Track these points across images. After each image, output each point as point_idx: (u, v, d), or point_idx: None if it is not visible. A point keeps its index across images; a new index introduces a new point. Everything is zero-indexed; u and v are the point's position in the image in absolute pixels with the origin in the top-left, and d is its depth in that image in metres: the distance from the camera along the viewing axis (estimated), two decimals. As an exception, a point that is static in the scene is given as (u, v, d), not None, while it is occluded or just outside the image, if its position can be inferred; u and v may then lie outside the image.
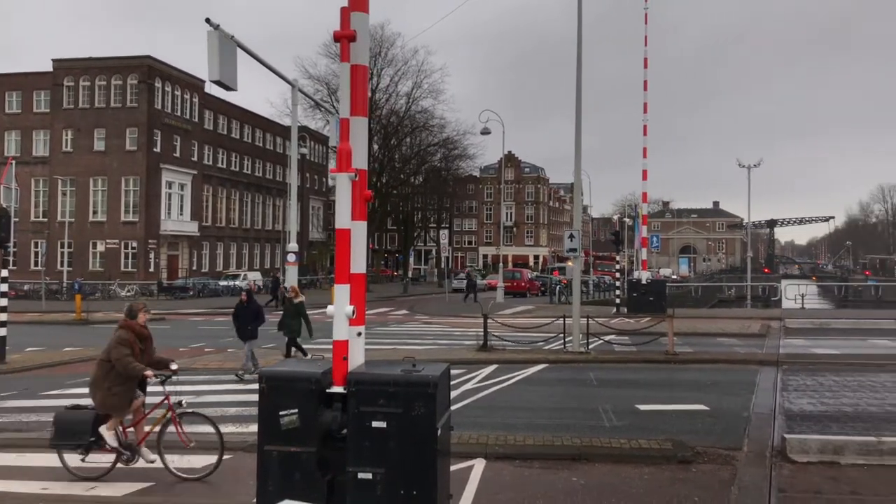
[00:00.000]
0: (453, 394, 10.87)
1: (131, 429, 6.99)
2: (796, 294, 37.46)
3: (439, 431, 4.72)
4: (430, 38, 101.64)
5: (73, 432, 6.71)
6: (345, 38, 4.88)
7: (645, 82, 27.93)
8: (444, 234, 43.79)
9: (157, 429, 6.93)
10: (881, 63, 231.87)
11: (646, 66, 27.92)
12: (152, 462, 6.85)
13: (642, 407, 10.18)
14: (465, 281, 40.70)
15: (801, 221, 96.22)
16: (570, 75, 17.33)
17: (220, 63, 13.91)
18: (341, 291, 4.88)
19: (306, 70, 47.17)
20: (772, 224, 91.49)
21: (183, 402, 7.04)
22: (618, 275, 33.84)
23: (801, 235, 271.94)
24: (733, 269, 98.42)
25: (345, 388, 4.73)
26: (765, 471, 6.98)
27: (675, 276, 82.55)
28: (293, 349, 13.53)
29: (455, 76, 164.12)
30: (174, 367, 7.02)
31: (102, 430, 6.71)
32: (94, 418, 6.74)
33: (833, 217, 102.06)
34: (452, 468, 6.49)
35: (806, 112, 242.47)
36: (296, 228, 20.54)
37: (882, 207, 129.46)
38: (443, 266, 46.43)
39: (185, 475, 6.86)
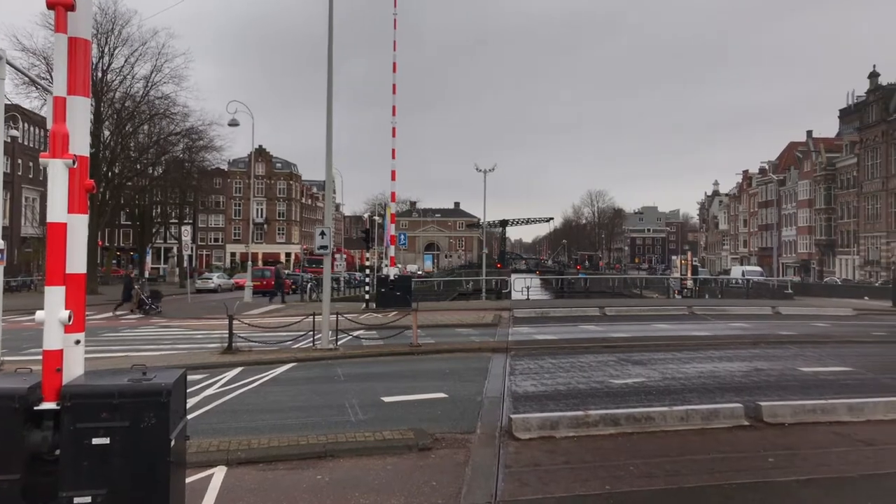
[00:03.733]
0: (193, 400, 10.28)
1: None
2: (523, 287, 41.65)
3: (173, 442, 4.43)
4: (173, 19, 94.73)
5: None
6: (60, 5, 4.34)
7: (394, 86, 28.95)
8: (186, 230, 41.06)
9: None
10: (593, 83, 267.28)
11: (395, 71, 28.95)
12: None
13: (387, 399, 10.54)
14: (274, 278, 37.36)
15: (527, 222, 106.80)
16: (323, 73, 17.23)
17: None
18: (54, 294, 4.34)
19: (19, 41, 40.83)
20: (504, 224, 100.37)
21: None
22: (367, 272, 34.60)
23: (527, 234, 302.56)
24: (471, 264, 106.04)
25: (57, 404, 4.21)
26: (494, 450, 7.63)
27: (420, 272, 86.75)
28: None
29: (201, 64, 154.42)
30: None
31: None
32: None
33: (553, 218, 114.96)
34: (190, 479, 6.13)
35: (532, 121, 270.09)
36: (0, 222, 17.69)
37: (590, 210, 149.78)
38: (185, 265, 43.46)
39: None
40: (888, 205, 59.13)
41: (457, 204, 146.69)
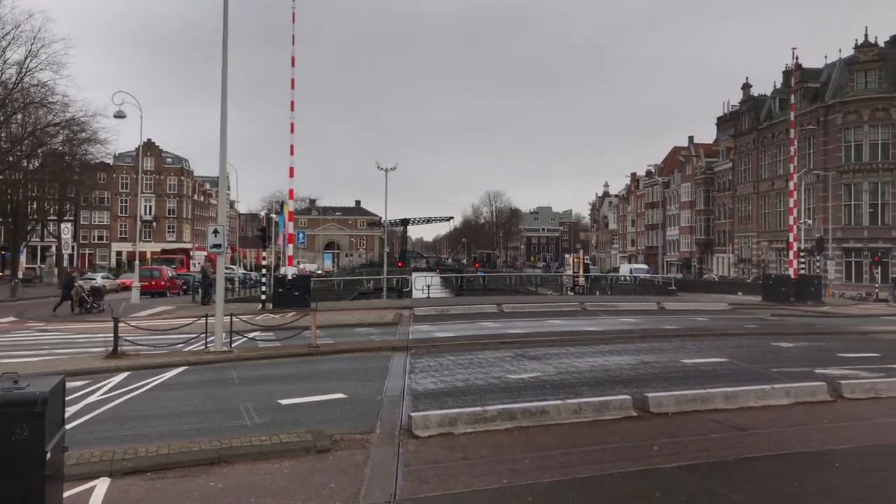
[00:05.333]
0: (74, 408, 9.67)
1: None
2: (424, 285, 41.96)
3: (49, 454, 4.15)
4: (52, 2, 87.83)
5: None
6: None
7: (292, 80, 28.31)
8: (66, 227, 38.53)
9: None
10: (488, 82, 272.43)
11: (293, 65, 28.31)
12: None
13: (284, 401, 10.31)
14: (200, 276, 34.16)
15: (428, 221, 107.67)
16: (217, 65, 16.56)
17: None
18: None
19: None
20: (405, 223, 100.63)
21: None
22: (264, 271, 33.67)
23: (429, 233, 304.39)
24: (373, 263, 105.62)
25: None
26: (394, 449, 7.63)
27: (319, 272, 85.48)
28: None
29: (86, 53, 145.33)
30: None
31: None
32: None
33: (453, 218, 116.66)
34: (69, 493, 5.77)
35: (434, 120, 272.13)
36: None
37: (489, 210, 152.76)
38: (65, 265, 40.67)
39: None
40: (759, 207, 63.83)
41: (358, 202, 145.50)
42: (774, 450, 7.58)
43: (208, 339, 16.10)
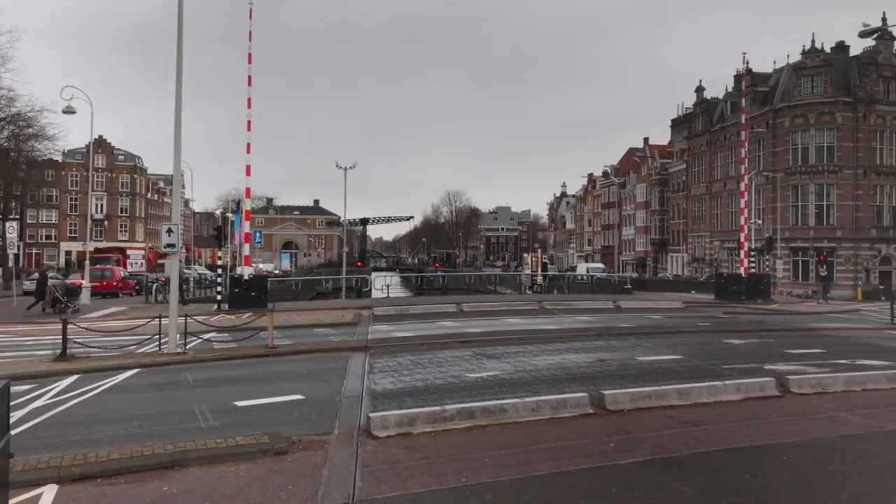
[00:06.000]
0: (20, 413, 9.37)
1: None
2: (383, 285, 41.81)
3: (-8, 461, 4.00)
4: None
5: None
6: None
7: (249, 77, 27.90)
8: (10, 226, 37.07)
9: None
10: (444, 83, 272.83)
11: (250, 62, 27.92)
12: None
13: (241, 403, 10.15)
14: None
15: (388, 220, 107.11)
16: (172, 61, 16.15)
17: None
18: None
19: None
20: (364, 222, 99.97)
21: None
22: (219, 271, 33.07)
23: (388, 233, 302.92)
24: (331, 263, 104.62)
25: None
26: (352, 450, 7.59)
27: (277, 272, 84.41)
28: None
29: (32, 44, 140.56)
30: None
31: None
32: None
33: (413, 217, 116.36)
34: (15, 500, 5.60)
35: (395, 120, 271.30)
36: None
37: (449, 210, 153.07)
38: (11, 265, 39.30)
39: None
40: (711, 207, 65.37)
41: (316, 201, 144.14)
42: (726, 444, 7.78)
43: (162, 341, 15.75)
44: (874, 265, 51.40)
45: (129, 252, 66.56)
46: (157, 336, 15.93)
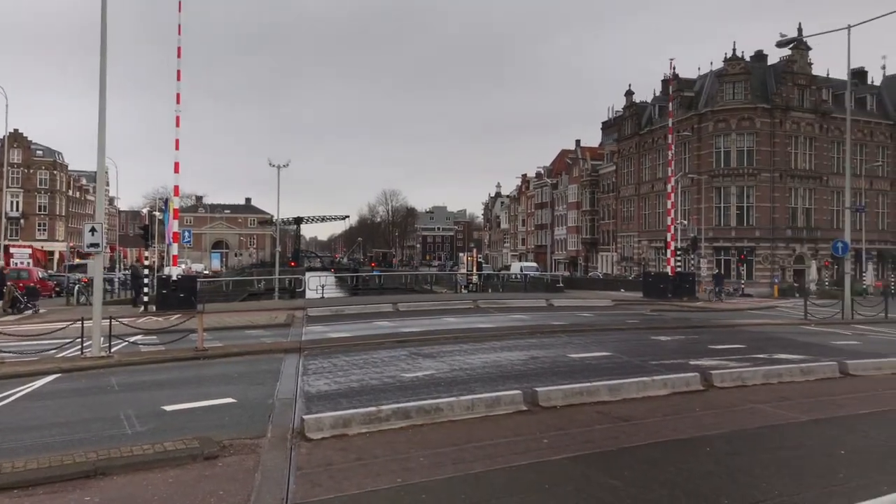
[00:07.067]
0: (-76, 424, 8.80)
1: None
2: (318, 285, 41.26)
3: None
4: None
5: None
6: None
7: (178, 72, 27.02)
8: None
9: None
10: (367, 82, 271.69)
11: (179, 56, 27.05)
12: None
13: (169, 408, 9.84)
14: None
15: (323, 219, 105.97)
16: (97, 55, 15.45)
17: None
18: None
19: None
20: (298, 221, 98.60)
21: None
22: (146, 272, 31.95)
23: (323, 232, 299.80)
24: (264, 263, 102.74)
25: None
26: (286, 453, 7.47)
27: (206, 272, 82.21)
28: None
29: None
30: None
31: None
32: None
33: (348, 216, 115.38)
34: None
35: (330, 117, 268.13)
36: None
37: (385, 209, 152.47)
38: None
39: None
40: (640, 207, 67.42)
41: (248, 200, 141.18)
42: (653, 438, 8.04)
43: (85, 345, 15.09)
44: (789, 264, 54.16)
45: (12, 251, 57.97)
46: (80, 339, 15.26)
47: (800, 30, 49.25)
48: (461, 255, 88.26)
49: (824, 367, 12.41)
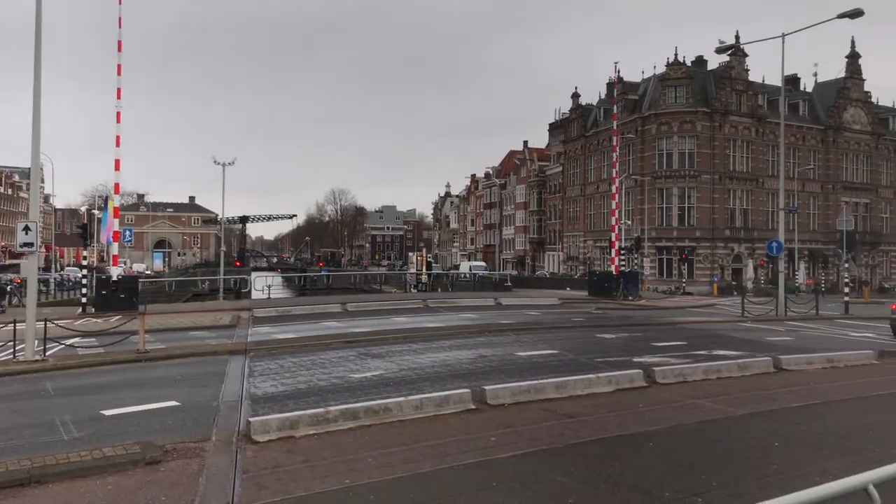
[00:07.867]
0: None
1: None
2: (264, 285, 40.57)
3: None
4: None
5: None
6: None
7: (119, 66, 26.16)
8: None
9: None
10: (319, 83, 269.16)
11: (120, 50, 26.19)
12: None
13: (109, 412, 9.54)
14: None
15: (269, 218, 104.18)
16: (30, 43, 14.78)
17: None
18: None
19: None
20: (244, 220, 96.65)
21: None
22: (84, 272, 30.90)
23: (269, 231, 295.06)
24: (208, 262, 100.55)
25: None
26: (231, 456, 7.34)
27: (149, 272, 79.88)
28: None
29: None
30: None
31: None
32: None
33: (296, 215, 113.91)
34: None
35: (277, 116, 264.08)
36: None
37: (333, 208, 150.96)
38: None
39: None
40: (585, 208, 68.61)
41: (192, 198, 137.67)
42: (598, 434, 8.21)
43: (17, 348, 14.48)
44: (728, 263, 55.98)
45: None
46: (12, 342, 14.63)
47: (737, 37, 50.92)
48: (411, 254, 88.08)
49: (760, 362, 12.90)
